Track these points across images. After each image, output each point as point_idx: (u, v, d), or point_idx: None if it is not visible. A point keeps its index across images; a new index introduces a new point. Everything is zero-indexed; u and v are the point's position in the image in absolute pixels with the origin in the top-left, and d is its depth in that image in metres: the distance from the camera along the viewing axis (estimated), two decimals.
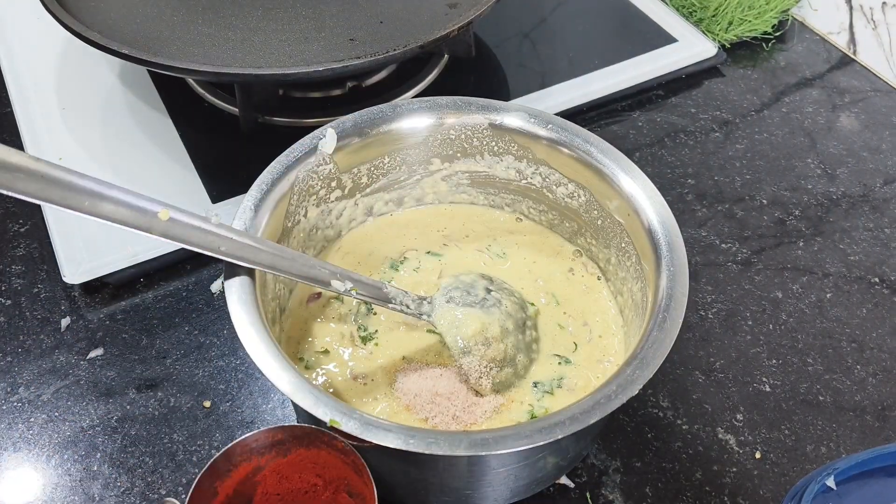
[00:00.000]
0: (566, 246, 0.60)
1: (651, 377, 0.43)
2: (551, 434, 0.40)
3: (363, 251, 0.60)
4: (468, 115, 0.57)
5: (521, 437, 0.41)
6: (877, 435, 0.56)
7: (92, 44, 0.65)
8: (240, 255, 0.46)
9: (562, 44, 0.86)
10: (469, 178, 0.61)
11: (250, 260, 0.46)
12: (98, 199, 0.42)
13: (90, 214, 0.41)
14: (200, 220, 0.45)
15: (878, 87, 0.84)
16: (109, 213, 0.42)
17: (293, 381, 0.42)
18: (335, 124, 0.55)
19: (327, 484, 0.47)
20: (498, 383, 0.51)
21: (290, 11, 0.73)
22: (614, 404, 0.42)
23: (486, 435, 0.41)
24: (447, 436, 0.41)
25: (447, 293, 0.53)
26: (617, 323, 0.55)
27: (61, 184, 0.40)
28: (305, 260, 0.49)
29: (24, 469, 0.54)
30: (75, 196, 0.41)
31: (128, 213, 0.43)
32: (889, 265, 0.67)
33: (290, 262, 0.48)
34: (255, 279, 0.48)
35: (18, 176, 0.39)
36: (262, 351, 0.44)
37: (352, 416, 0.41)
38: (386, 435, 0.40)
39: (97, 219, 0.42)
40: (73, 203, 0.41)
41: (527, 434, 0.41)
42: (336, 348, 0.54)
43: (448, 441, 0.40)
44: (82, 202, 0.41)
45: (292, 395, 0.42)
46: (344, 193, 0.58)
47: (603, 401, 0.42)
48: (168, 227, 0.44)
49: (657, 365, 0.43)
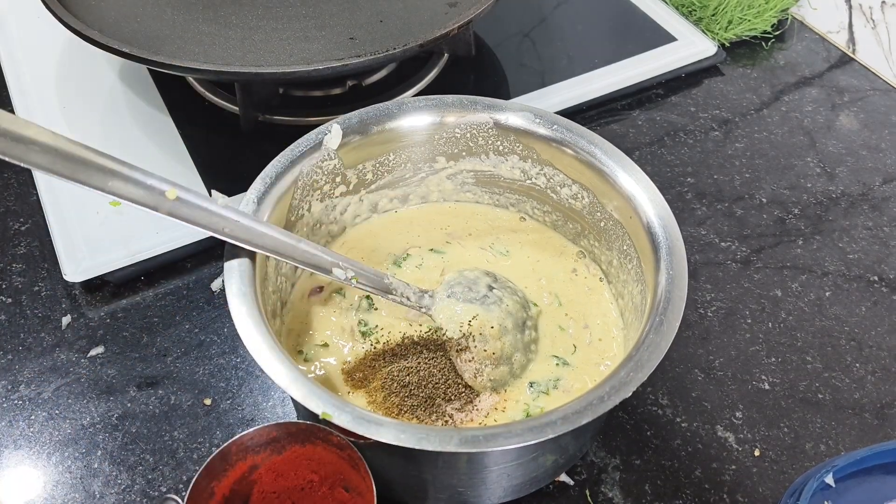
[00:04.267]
0: (569, 246, 0.60)
1: (646, 379, 0.43)
2: (542, 433, 0.41)
3: (367, 247, 0.60)
4: (473, 114, 0.57)
5: (512, 435, 0.41)
6: (875, 433, 0.57)
7: (93, 42, 0.65)
8: (243, 238, 0.46)
9: (562, 43, 0.86)
10: (474, 176, 0.61)
11: (253, 243, 0.47)
12: (108, 175, 0.42)
13: (100, 190, 0.42)
14: (206, 201, 0.45)
15: (878, 87, 0.84)
16: (118, 189, 0.42)
17: (287, 373, 0.42)
18: (341, 120, 0.56)
19: (323, 480, 0.48)
20: (493, 381, 0.51)
21: (291, 10, 0.73)
22: (607, 406, 0.42)
23: (476, 432, 0.41)
24: (438, 432, 0.41)
25: (449, 288, 0.53)
26: (617, 326, 0.55)
27: (73, 158, 0.41)
28: (308, 246, 0.49)
29: (25, 466, 0.54)
30: (86, 171, 0.41)
31: (136, 191, 0.43)
32: (888, 264, 0.67)
33: (293, 247, 0.48)
34: (256, 271, 0.48)
35: (33, 148, 0.39)
36: (258, 342, 0.44)
37: (344, 410, 0.41)
38: (378, 429, 0.41)
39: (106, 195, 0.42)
40: (83, 178, 0.41)
41: (518, 433, 0.41)
42: (336, 342, 0.54)
43: (439, 437, 0.40)
44: (92, 177, 0.41)
45: (286, 386, 0.42)
46: (348, 189, 0.58)
47: (595, 402, 0.42)
48: (174, 207, 0.44)
49: (652, 368, 0.43)
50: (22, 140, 0.39)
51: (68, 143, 0.41)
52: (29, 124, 0.40)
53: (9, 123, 0.39)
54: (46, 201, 0.68)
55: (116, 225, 0.66)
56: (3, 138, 0.39)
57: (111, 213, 0.67)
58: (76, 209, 0.67)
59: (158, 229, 0.65)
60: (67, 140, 0.41)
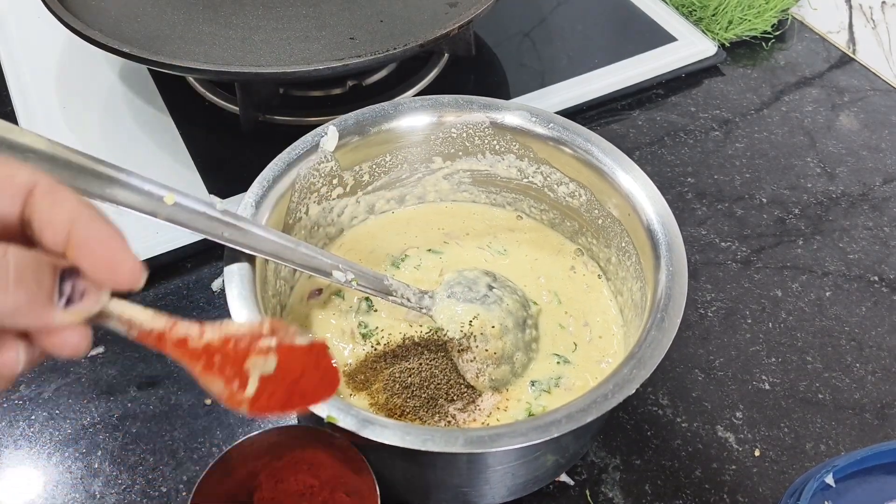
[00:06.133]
0: (567, 244, 0.60)
1: (648, 377, 0.43)
2: (547, 432, 0.40)
3: (365, 249, 0.60)
4: (469, 114, 0.57)
5: (517, 434, 0.41)
6: (876, 433, 0.57)
7: (93, 42, 0.65)
8: (243, 242, 0.46)
9: (562, 43, 0.86)
10: (471, 176, 0.61)
11: (253, 247, 0.47)
12: (106, 182, 0.42)
13: (99, 198, 0.42)
14: (205, 206, 0.45)
15: (878, 87, 0.84)
16: (116, 196, 0.42)
17: None
18: (337, 122, 0.56)
19: (324, 484, 0.47)
20: (494, 380, 0.51)
21: (291, 10, 0.73)
22: (611, 403, 0.42)
23: (482, 433, 0.41)
24: (443, 433, 0.41)
25: (449, 288, 0.53)
26: (617, 323, 0.55)
27: (70, 166, 0.41)
28: (307, 249, 0.49)
29: (26, 467, 0.54)
30: (83, 178, 0.41)
31: (134, 197, 0.43)
32: (888, 264, 0.67)
33: (293, 250, 0.48)
34: (256, 274, 0.48)
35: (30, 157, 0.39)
36: None
37: (349, 413, 0.41)
38: (382, 431, 0.40)
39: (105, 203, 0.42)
40: (81, 185, 0.41)
41: (522, 432, 0.41)
42: (336, 344, 0.54)
43: (444, 438, 0.40)
44: (90, 184, 0.41)
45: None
46: (346, 191, 0.58)
47: (599, 400, 0.42)
48: (173, 212, 0.44)
49: (654, 365, 0.43)
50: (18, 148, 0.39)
51: (65, 151, 0.40)
52: (25, 132, 0.39)
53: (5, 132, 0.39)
54: None
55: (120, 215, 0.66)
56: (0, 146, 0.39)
57: (111, 214, 0.66)
58: None
59: (158, 229, 0.65)
60: (64, 147, 0.40)
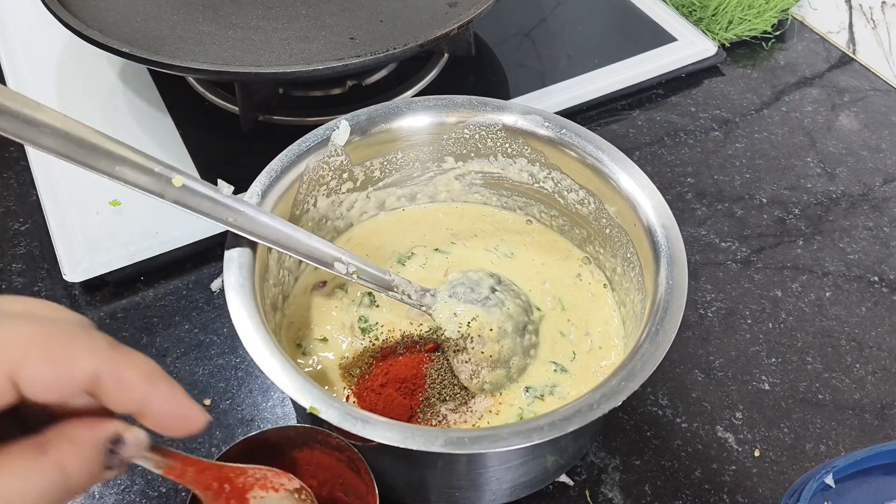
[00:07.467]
0: (575, 251, 0.60)
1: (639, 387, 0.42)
2: (528, 438, 0.40)
3: (372, 244, 0.60)
4: (482, 115, 0.57)
5: (497, 439, 0.40)
6: (876, 433, 0.57)
7: (93, 42, 0.65)
8: (247, 228, 0.46)
9: (562, 43, 0.86)
10: (482, 178, 0.61)
11: (257, 233, 0.47)
12: (116, 161, 0.42)
13: (107, 175, 0.42)
14: (212, 190, 0.46)
15: (878, 87, 0.84)
16: (125, 175, 0.43)
17: (278, 366, 0.42)
18: (349, 117, 0.56)
19: (322, 485, 0.47)
20: (489, 384, 0.51)
21: (291, 10, 0.73)
22: (595, 413, 0.41)
23: (462, 434, 0.41)
24: (424, 431, 0.40)
25: (451, 288, 0.53)
26: (619, 335, 0.55)
27: (82, 142, 0.41)
28: (311, 239, 0.49)
29: None
30: (94, 155, 0.41)
31: (142, 178, 0.43)
32: (888, 264, 0.67)
33: (296, 239, 0.48)
34: (256, 263, 0.48)
35: (44, 131, 0.40)
36: (252, 334, 0.44)
37: (332, 406, 0.41)
38: (364, 426, 0.40)
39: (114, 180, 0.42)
40: (91, 162, 0.41)
41: (504, 437, 0.40)
42: (335, 337, 0.54)
43: (424, 437, 0.40)
44: (100, 162, 0.42)
45: (275, 378, 0.42)
46: (356, 186, 0.58)
47: (585, 409, 0.41)
48: (180, 195, 0.44)
49: (644, 377, 0.43)
50: (34, 122, 0.39)
51: (78, 127, 0.41)
52: (40, 106, 0.40)
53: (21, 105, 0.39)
54: (46, 202, 0.68)
55: (116, 225, 0.66)
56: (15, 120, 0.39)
57: (111, 214, 0.67)
58: (76, 209, 0.67)
59: (158, 229, 0.65)
60: (78, 123, 0.41)
